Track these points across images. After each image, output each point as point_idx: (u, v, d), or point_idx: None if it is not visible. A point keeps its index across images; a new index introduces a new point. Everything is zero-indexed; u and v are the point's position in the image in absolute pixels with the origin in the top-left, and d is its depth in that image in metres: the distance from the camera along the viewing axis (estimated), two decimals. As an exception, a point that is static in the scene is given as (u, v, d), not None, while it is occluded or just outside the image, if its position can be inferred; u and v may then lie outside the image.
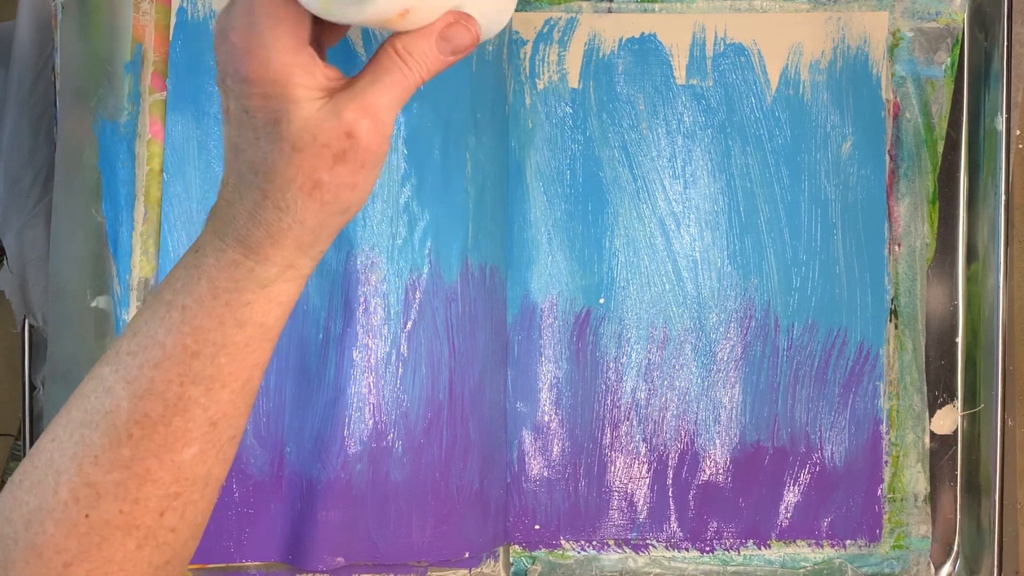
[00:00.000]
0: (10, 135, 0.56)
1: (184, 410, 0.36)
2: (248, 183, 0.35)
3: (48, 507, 0.35)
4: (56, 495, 0.35)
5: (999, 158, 0.56)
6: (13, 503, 0.36)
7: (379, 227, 0.54)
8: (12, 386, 0.61)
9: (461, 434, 0.54)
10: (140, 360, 0.35)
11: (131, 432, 0.35)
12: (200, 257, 0.36)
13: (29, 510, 0.36)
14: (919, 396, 0.57)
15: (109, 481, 0.35)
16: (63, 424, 0.36)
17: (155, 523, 0.36)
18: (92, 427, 0.35)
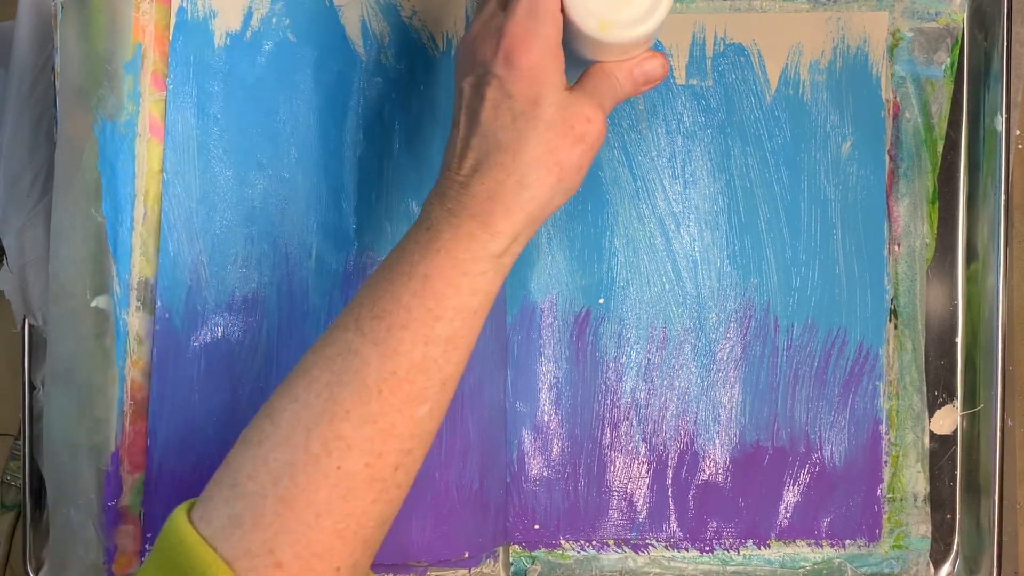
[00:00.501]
0: (10, 135, 0.56)
1: (424, 369, 0.39)
2: (493, 163, 0.39)
3: (299, 462, 0.38)
4: (307, 450, 0.38)
5: (999, 158, 0.56)
6: (256, 461, 0.39)
7: (379, 227, 0.54)
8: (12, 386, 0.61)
9: (461, 434, 0.55)
10: (387, 324, 0.39)
11: (380, 389, 0.39)
12: (434, 232, 0.40)
13: (278, 466, 0.38)
14: (919, 396, 0.57)
15: (359, 435, 0.38)
16: (304, 385, 0.39)
17: (390, 477, 0.39)
18: (342, 386, 0.39)
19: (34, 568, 0.56)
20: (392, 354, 0.39)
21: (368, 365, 0.39)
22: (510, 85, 0.39)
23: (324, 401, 0.39)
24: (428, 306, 0.39)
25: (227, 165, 0.55)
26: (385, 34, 0.54)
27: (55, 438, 0.54)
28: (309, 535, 0.38)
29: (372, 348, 0.39)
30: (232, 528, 0.38)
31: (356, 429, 0.38)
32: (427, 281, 0.39)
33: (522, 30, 0.39)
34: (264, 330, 0.55)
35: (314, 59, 0.55)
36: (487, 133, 0.39)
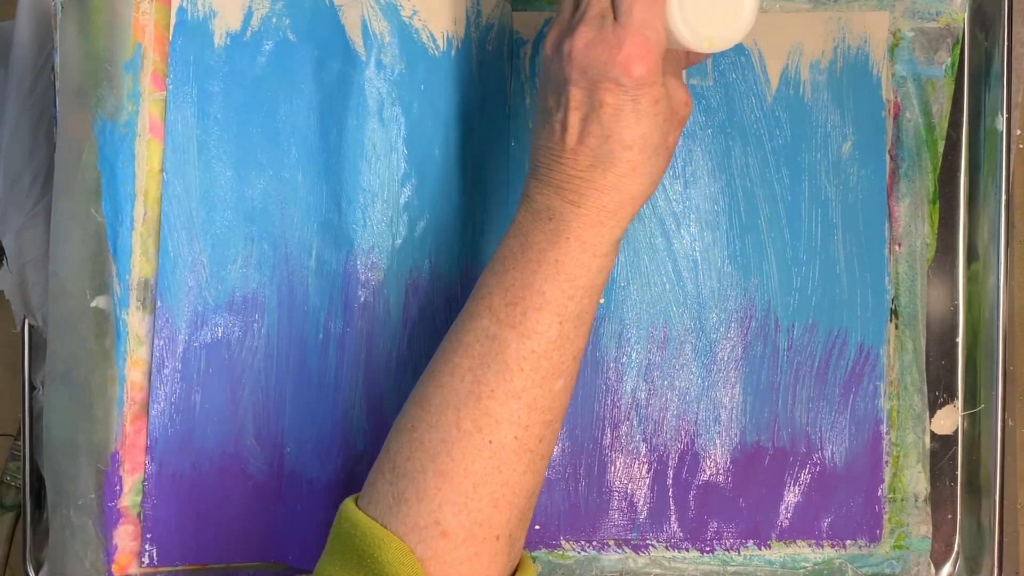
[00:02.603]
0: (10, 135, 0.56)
1: (560, 345, 0.43)
2: (617, 159, 0.42)
3: (452, 438, 0.42)
4: (459, 428, 0.42)
5: (999, 158, 0.56)
6: (412, 444, 0.43)
7: (379, 227, 0.54)
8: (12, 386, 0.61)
9: (461, 434, 0.54)
10: (523, 308, 0.43)
11: (521, 367, 0.42)
12: (560, 223, 0.43)
13: (433, 445, 0.42)
14: (919, 396, 0.57)
15: (505, 410, 0.42)
16: (447, 372, 0.43)
17: (536, 448, 0.43)
18: (485, 368, 0.43)
19: (34, 568, 0.56)
20: (531, 334, 0.43)
21: (508, 347, 0.43)
22: (632, 90, 0.42)
23: (469, 383, 0.43)
24: (562, 288, 0.43)
25: (227, 165, 0.55)
26: (385, 34, 0.54)
27: (55, 438, 0.54)
28: (469, 504, 0.41)
29: (510, 331, 0.43)
30: (398, 505, 0.42)
31: (502, 405, 0.42)
32: (559, 266, 0.43)
33: (641, 39, 0.41)
34: (264, 330, 0.55)
35: (314, 59, 0.55)
36: (608, 133, 0.42)
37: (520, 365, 0.43)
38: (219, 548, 0.55)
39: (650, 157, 0.43)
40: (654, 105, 0.42)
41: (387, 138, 0.54)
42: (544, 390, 0.43)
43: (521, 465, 0.43)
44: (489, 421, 0.42)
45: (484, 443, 0.42)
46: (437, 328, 0.54)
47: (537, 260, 0.43)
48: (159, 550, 0.54)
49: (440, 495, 0.41)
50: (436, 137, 0.54)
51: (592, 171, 0.43)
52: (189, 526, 0.54)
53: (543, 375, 0.43)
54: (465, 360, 0.43)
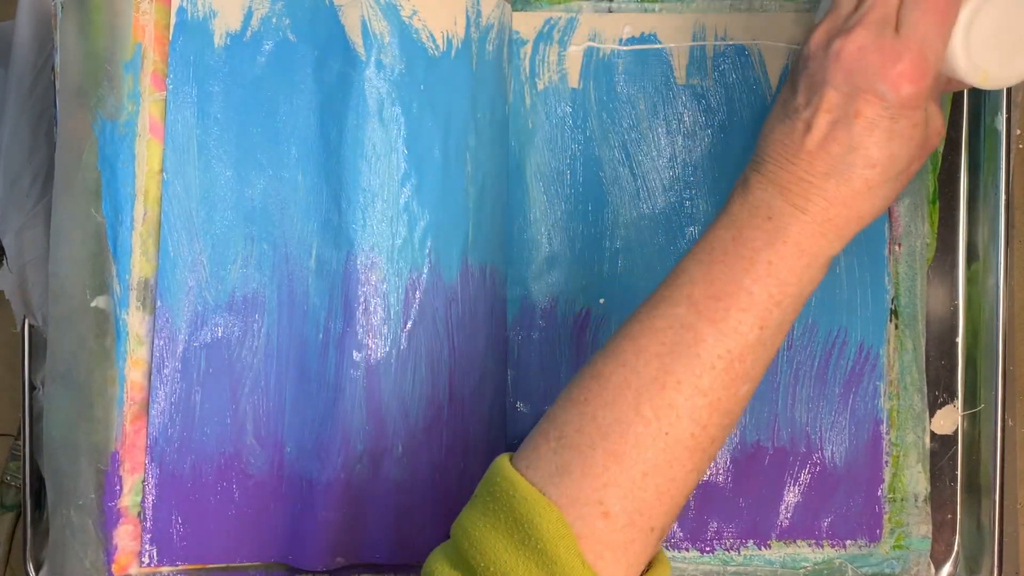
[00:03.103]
0: (10, 135, 0.56)
1: (755, 350, 0.41)
2: (857, 176, 0.40)
3: (628, 420, 0.40)
4: (637, 412, 0.40)
5: (999, 158, 0.56)
6: (583, 418, 0.41)
7: (379, 227, 0.54)
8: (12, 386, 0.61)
9: (461, 434, 0.54)
10: (726, 304, 0.41)
11: (713, 364, 0.40)
12: (780, 224, 0.41)
13: (607, 423, 0.40)
14: (919, 396, 0.57)
15: (689, 405, 0.40)
16: (632, 352, 0.41)
17: (707, 449, 0.41)
18: (674, 357, 0.41)
19: (34, 568, 0.56)
20: (730, 333, 0.41)
21: (703, 341, 0.41)
22: (896, 110, 0.40)
23: (655, 370, 0.41)
24: (770, 292, 0.41)
25: (227, 165, 0.55)
26: (385, 34, 0.54)
27: (55, 438, 0.54)
28: (635, 492, 0.40)
29: (709, 325, 0.41)
30: (560, 476, 0.40)
31: (687, 400, 0.40)
32: (771, 268, 0.41)
33: (919, 59, 0.39)
34: (264, 330, 0.55)
35: (314, 59, 0.55)
36: (856, 146, 0.40)
37: (713, 363, 0.41)
38: (219, 548, 0.55)
39: (889, 180, 0.41)
40: (912, 129, 0.40)
41: (387, 138, 0.54)
42: (730, 392, 0.41)
43: (691, 463, 0.41)
44: (670, 413, 0.40)
45: (661, 433, 0.40)
46: (437, 328, 0.54)
47: (750, 258, 0.41)
48: (159, 550, 0.54)
49: (607, 475, 0.40)
50: (436, 137, 0.54)
51: (826, 180, 0.41)
52: (189, 526, 0.54)
53: (733, 377, 0.41)
54: (653, 345, 0.41)
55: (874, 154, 0.40)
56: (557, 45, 0.57)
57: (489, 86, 0.56)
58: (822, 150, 0.41)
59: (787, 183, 0.41)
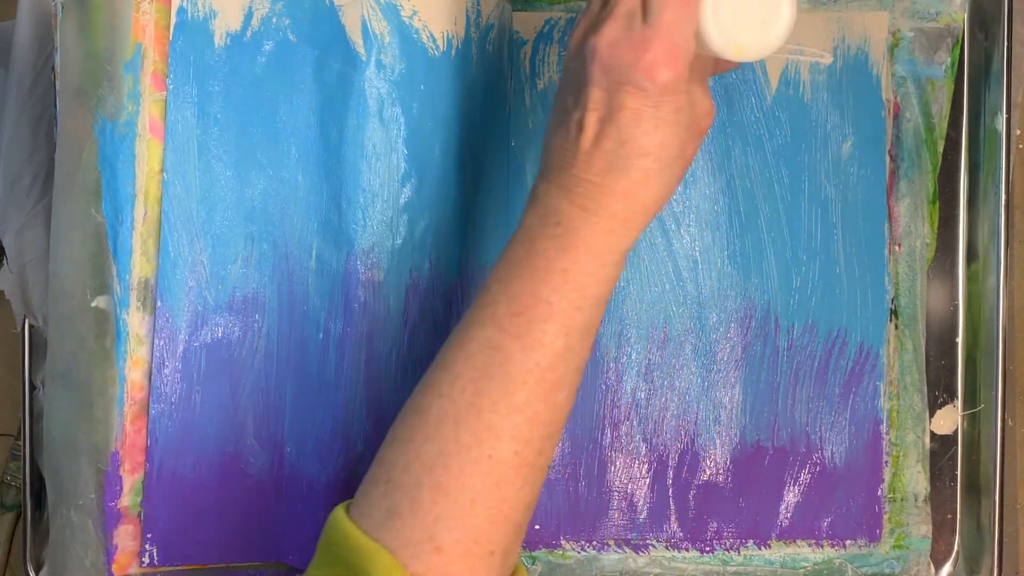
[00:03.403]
0: (10, 135, 0.56)
1: (565, 358, 0.42)
2: (632, 166, 0.41)
3: (451, 451, 0.41)
4: (458, 440, 0.41)
5: (999, 158, 0.56)
6: (408, 456, 0.41)
7: (379, 227, 0.54)
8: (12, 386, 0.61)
9: (461, 434, 0.54)
10: (528, 318, 0.41)
11: (525, 380, 0.41)
12: (569, 229, 0.41)
13: (430, 457, 0.41)
14: (919, 396, 0.57)
15: (507, 424, 0.41)
16: (447, 382, 0.42)
17: (535, 461, 0.42)
18: (487, 379, 0.41)
19: (34, 568, 0.56)
20: (536, 346, 0.41)
21: (511, 359, 0.41)
22: (655, 96, 0.40)
23: (470, 395, 0.41)
24: (570, 298, 0.41)
25: (227, 165, 0.55)
26: (385, 34, 0.54)
27: (55, 438, 0.54)
28: (466, 520, 0.40)
29: (514, 342, 0.41)
30: (391, 519, 0.41)
31: (504, 418, 0.41)
32: (567, 275, 0.41)
33: (668, 44, 0.39)
34: (264, 330, 0.55)
35: (314, 59, 0.55)
36: (625, 139, 0.40)
37: (524, 378, 0.41)
38: (219, 548, 0.55)
39: (666, 167, 0.41)
40: (676, 114, 0.41)
41: (387, 138, 0.54)
42: (547, 403, 0.42)
43: (520, 480, 0.41)
44: (490, 435, 0.41)
45: (484, 457, 0.41)
46: (437, 328, 0.54)
47: (544, 268, 0.42)
48: (159, 550, 0.54)
49: (436, 510, 0.40)
50: (436, 137, 0.54)
51: (605, 176, 0.41)
52: (189, 526, 0.54)
53: (547, 388, 0.41)
54: (467, 370, 0.42)
55: (644, 144, 0.40)
56: (557, 45, 0.57)
57: (489, 86, 0.56)
58: (596, 148, 0.41)
59: (571, 185, 0.42)
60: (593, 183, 0.41)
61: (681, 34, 0.40)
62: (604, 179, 0.41)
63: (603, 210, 0.41)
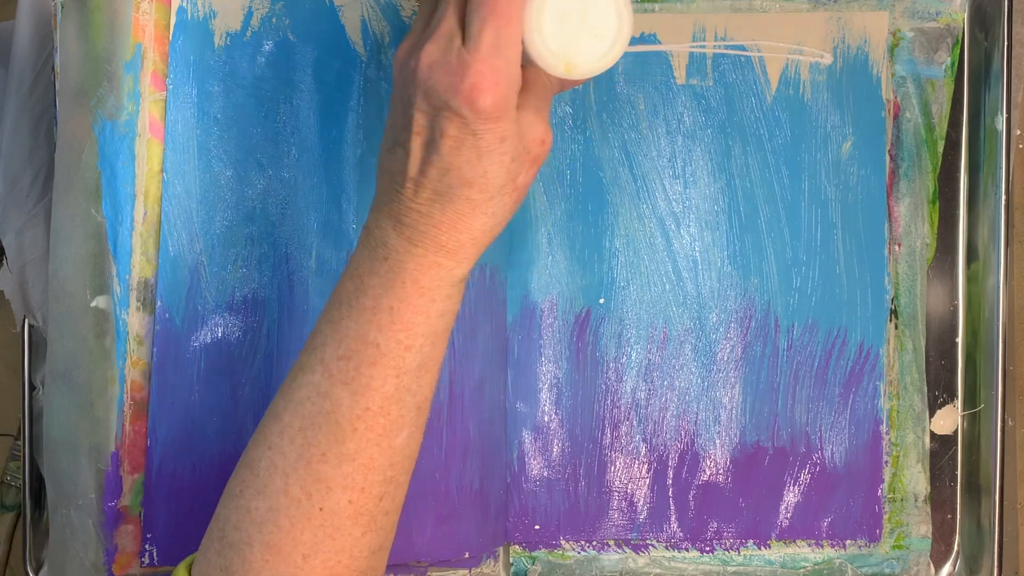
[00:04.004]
0: (10, 135, 0.56)
1: (399, 400, 0.40)
2: (456, 196, 0.39)
3: (281, 506, 0.39)
4: (287, 495, 0.39)
5: (999, 158, 0.56)
6: (239, 512, 0.40)
7: (379, 227, 0.54)
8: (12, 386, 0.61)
9: (461, 434, 0.54)
10: (356, 363, 0.39)
11: (355, 427, 0.39)
12: (396, 263, 0.39)
13: (260, 513, 0.39)
14: (919, 396, 0.57)
15: (339, 474, 0.39)
16: (277, 432, 0.40)
17: (376, 508, 0.40)
18: (315, 428, 0.39)
19: (34, 568, 0.56)
20: (364, 391, 0.39)
21: (340, 406, 0.39)
22: (475, 124, 0.37)
23: (299, 446, 0.39)
24: (398, 338, 0.39)
25: (227, 165, 0.55)
26: (385, 34, 0.54)
27: (55, 438, 0.54)
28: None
29: (342, 388, 0.39)
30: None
31: (334, 468, 0.39)
32: (394, 314, 0.39)
33: (488, 69, 0.37)
34: (264, 330, 0.55)
35: (314, 59, 0.55)
36: (448, 167, 0.38)
37: (354, 425, 0.39)
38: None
39: (492, 197, 0.39)
40: (499, 143, 0.38)
41: (387, 138, 0.54)
42: (382, 448, 0.40)
43: (358, 529, 0.40)
44: (320, 487, 0.39)
45: (314, 511, 0.39)
46: (437, 328, 0.54)
47: (372, 307, 0.39)
48: (159, 550, 0.54)
49: (268, 568, 0.39)
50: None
51: (431, 205, 0.39)
52: (189, 526, 0.54)
53: (380, 433, 0.39)
54: (295, 420, 0.40)
55: (467, 173, 0.38)
56: (557, 45, 0.57)
57: (489, 86, 0.56)
58: (422, 175, 0.39)
59: (399, 214, 0.40)
60: (420, 212, 0.39)
61: (502, 57, 0.37)
62: (430, 209, 0.39)
63: (430, 242, 0.39)
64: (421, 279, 0.39)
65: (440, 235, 0.39)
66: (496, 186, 0.39)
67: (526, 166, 0.40)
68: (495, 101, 0.37)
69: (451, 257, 0.40)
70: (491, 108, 0.37)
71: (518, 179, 0.40)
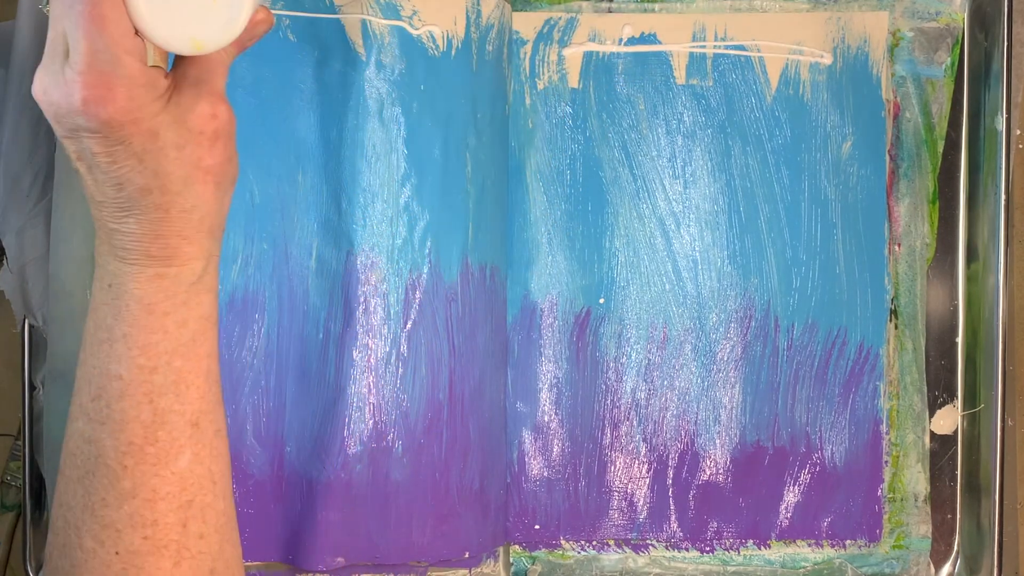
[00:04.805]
0: (10, 135, 0.56)
1: (163, 423, 0.38)
2: (141, 207, 0.37)
3: (79, 561, 0.38)
4: (82, 548, 0.38)
5: (999, 158, 0.56)
6: (50, 573, 0.39)
7: (379, 227, 0.54)
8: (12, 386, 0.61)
9: (461, 434, 0.54)
10: (105, 400, 0.38)
11: (124, 464, 0.38)
12: (118, 288, 0.38)
13: (65, 572, 0.38)
14: (919, 396, 0.57)
15: (123, 516, 0.38)
16: (62, 489, 0.39)
17: (181, 536, 0.38)
18: (91, 476, 0.38)
19: (34, 568, 0.56)
20: (121, 426, 0.38)
21: (104, 448, 0.38)
22: (112, 133, 0.35)
23: (81, 497, 0.38)
24: (138, 363, 0.38)
25: (227, 165, 0.55)
26: (385, 34, 0.54)
27: (55, 438, 0.54)
28: None
29: (100, 429, 0.38)
30: None
31: (116, 511, 0.38)
32: (128, 340, 0.38)
33: (95, 79, 0.34)
34: (264, 330, 0.55)
35: (314, 59, 0.55)
36: (119, 182, 0.37)
37: (122, 463, 0.38)
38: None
39: (180, 192, 0.37)
40: (153, 141, 0.36)
41: (387, 138, 0.54)
42: (163, 477, 0.38)
43: (167, 562, 0.38)
44: (110, 532, 0.38)
45: (111, 556, 0.38)
46: (437, 328, 0.54)
47: (107, 339, 0.38)
48: (159, 550, 0.54)
49: None
50: (436, 137, 0.54)
51: (125, 221, 0.37)
52: (189, 526, 0.54)
53: (154, 463, 0.38)
54: (73, 471, 0.38)
55: (139, 181, 0.36)
56: (557, 45, 0.57)
57: (489, 86, 0.56)
58: (102, 196, 0.37)
59: (108, 237, 0.38)
60: (120, 231, 0.38)
61: (107, 61, 0.35)
62: (127, 224, 0.37)
63: (141, 256, 0.38)
64: (145, 297, 0.38)
65: (148, 247, 0.37)
66: (178, 181, 0.37)
67: (205, 147, 0.38)
68: (119, 106, 0.35)
69: (170, 263, 0.38)
70: (118, 113, 0.35)
71: (203, 163, 0.38)
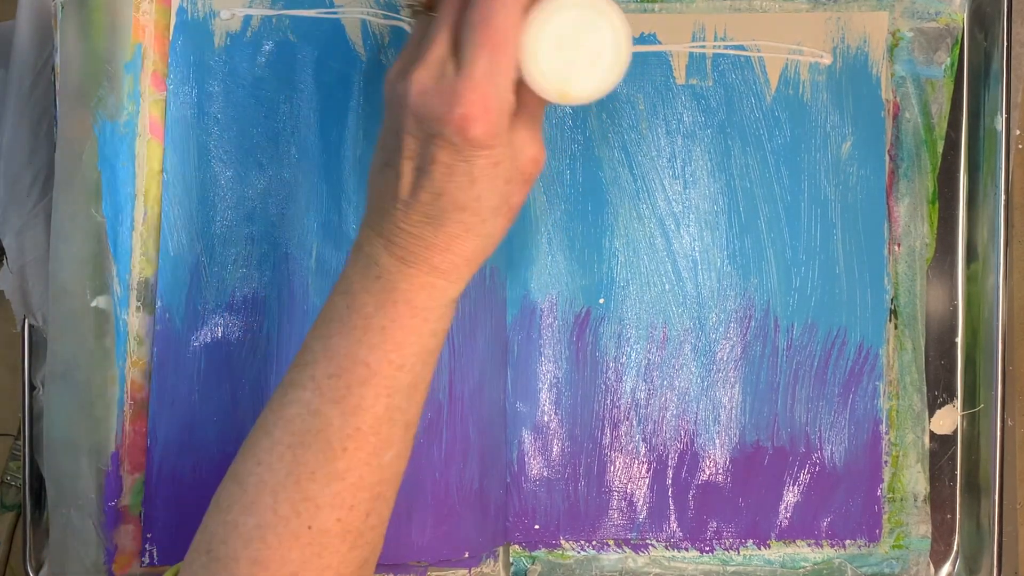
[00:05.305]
0: (10, 135, 0.56)
1: (389, 419, 0.39)
2: (449, 219, 0.38)
3: (269, 523, 0.39)
4: (276, 512, 0.38)
5: (999, 158, 0.56)
6: (227, 527, 0.39)
7: (379, 227, 0.54)
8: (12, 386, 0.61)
9: (461, 434, 0.55)
10: (346, 381, 0.39)
11: (345, 446, 0.39)
12: (388, 283, 0.39)
13: (248, 529, 0.39)
14: (919, 396, 0.57)
15: (327, 493, 0.39)
16: (266, 448, 0.39)
17: (362, 524, 0.40)
18: (305, 447, 0.39)
19: (34, 568, 0.56)
20: (355, 410, 0.39)
21: (330, 425, 0.39)
22: (467, 152, 0.37)
23: (288, 463, 0.39)
24: (389, 358, 0.39)
25: (227, 165, 0.55)
26: (385, 34, 0.54)
27: (55, 438, 0.54)
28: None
29: (333, 407, 0.39)
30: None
31: (323, 487, 0.39)
32: (385, 333, 0.39)
33: (480, 97, 0.36)
34: (264, 330, 0.55)
35: (314, 59, 0.55)
36: (441, 192, 0.38)
37: (344, 444, 0.39)
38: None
39: (486, 220, 0.39)
40: (492, 168, 0.38)
41: (387, 138, 0.54)
42: (371, 467, 0.39)
43: (345, 546, 0.39)
44: (309, 506, 0.38)
45: (303, 529, 0.38)
46: (437, 328, 0.54)
47: (363, 326, 0.39)
48: (159, 550, 0.54)
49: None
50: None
51: (423, 228, 0.39)
52: (189, 526, 0.54)
53: (370, 452, 0.39)
54: (285, 436, 0.39)
55: (460, 198, 0.38)
56: (557, 45, 0.57)
57: (489, 86, 0.56)
58: (413, 199, 0.39)
59: (390, 234, 0.39)
60: (411, 233, 0.39)
61: (494, 86, 0.36)
62: (422, 231, 0.39)
63: (423, 263, 0.39)
64: (414, 299, 0.39)
65: (433, 256, 0.39)
66: (490, 209, 0.39)
67: (519, 187, 0.40)
68: (487, 129, 0.36)
69: (445, 277, 0.39)
70: (483, 136, 0.36)
71: (511, 200, 0.40)
